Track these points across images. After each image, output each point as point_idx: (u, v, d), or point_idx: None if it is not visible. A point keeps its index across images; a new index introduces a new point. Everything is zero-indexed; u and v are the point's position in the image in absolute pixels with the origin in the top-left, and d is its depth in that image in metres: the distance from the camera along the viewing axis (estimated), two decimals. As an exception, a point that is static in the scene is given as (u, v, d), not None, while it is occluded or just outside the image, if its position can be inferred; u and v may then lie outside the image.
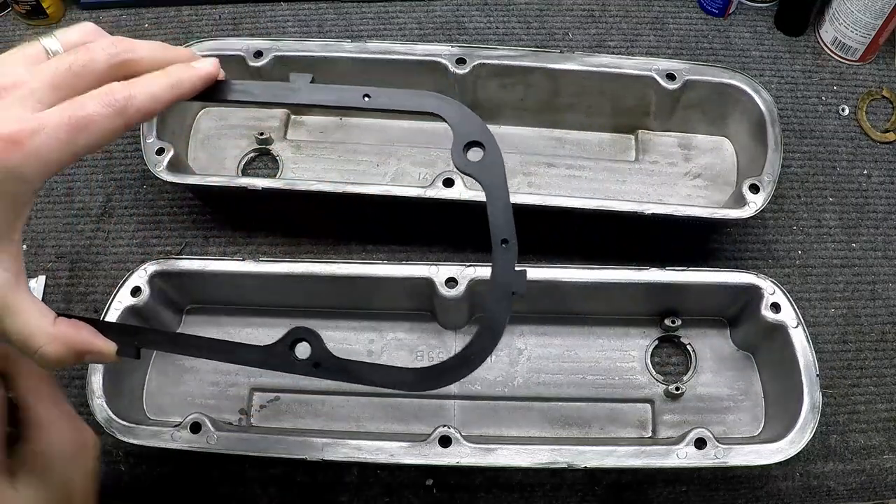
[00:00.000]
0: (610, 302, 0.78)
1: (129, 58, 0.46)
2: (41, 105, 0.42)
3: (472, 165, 0.48)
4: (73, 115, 0.42)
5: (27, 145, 0.41)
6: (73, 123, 0.42)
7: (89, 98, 0.43)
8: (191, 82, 0.48)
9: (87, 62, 0.44)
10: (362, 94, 0.49)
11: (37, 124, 0.41)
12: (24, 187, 0.42)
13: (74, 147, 0.43)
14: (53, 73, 0.43)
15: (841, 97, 0.95)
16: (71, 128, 0.42)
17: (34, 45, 0.45)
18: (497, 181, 0.47)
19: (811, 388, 0.70)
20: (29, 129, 0.41)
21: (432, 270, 0.74)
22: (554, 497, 0.77)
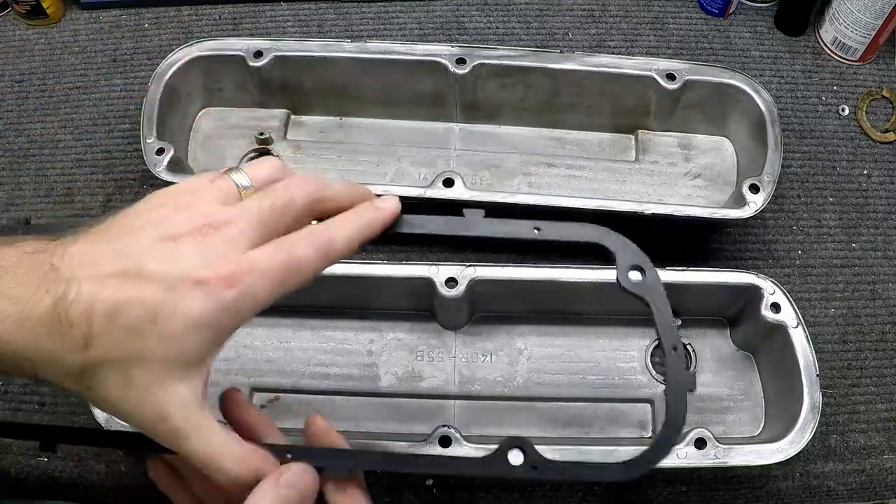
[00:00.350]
0: (610, 302, 0.78)
1: (323, 196, 0.48)
2: (250, 245, 0.44)
3: (635, 285, 0.53)
4: (287, 257, 0.45)
5: (243, 284, 0.43)
6: (287, 265, 0.44)
7: (299, 239, 0.46)
8: (380, 223, 0.50)
9: (288, 202, 0.46)
10: (533, 227, 0.53)
11: (250, 265, 0.43)
12: (235, 322, 0.44)
13: (285, 287, 0.45)
14: (259, 213, 0.45)
15: (841, 97, 0.95)
16: (285, 269, 0.44)
17: (226, 180, 0.47)
18: (660, 297, 0.52)
19: (811, 388, 0.70)
20: (246, 268, 0.43)
21: (432, 270, 0.74)
22: (554, 497, 0.77)
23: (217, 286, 0.42)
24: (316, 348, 0.80)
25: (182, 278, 0.42)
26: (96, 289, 0.41)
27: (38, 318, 0.41)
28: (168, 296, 0.41)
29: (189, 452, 0.44)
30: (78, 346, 0.41)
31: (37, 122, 0.95)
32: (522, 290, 0.75)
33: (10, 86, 0.97)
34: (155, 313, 0.41)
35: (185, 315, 0.42)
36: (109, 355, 0.41)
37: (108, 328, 0.41)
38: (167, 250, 0.43)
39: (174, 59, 0.85)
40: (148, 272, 0.42)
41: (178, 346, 0.42)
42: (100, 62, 0.99)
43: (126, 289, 0.41)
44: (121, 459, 0.77)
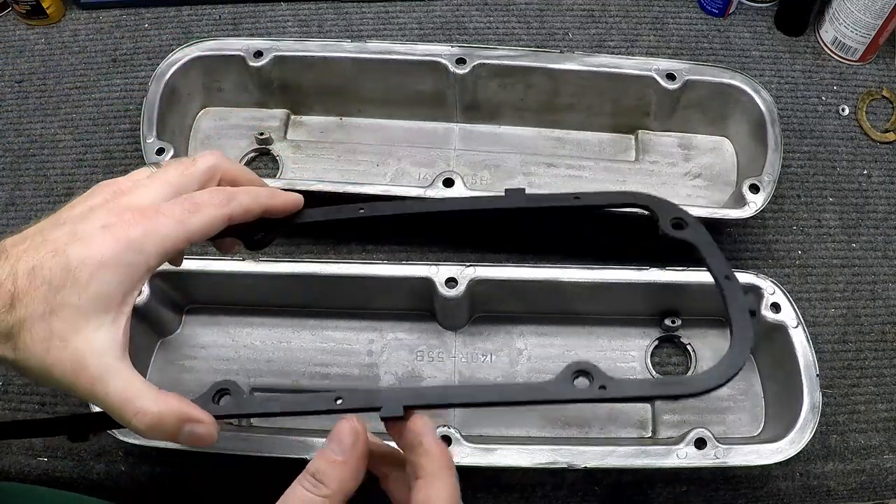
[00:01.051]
0: (610, 302, 0.78)
1: (221, 164, 0.53)
2: (160, 198, 0.48)
3: (681, 233, 0.56)
4: (188, 201, 0.49)
5: (147, 222, 0.46)
6: (186, 207, 0.48)
7: (200, 192, 0.50)
8: (284, 198, 0.55)
9: (189, 165, 0.51)
10: (573, 197, 0.57)
11: (154, 209, 0.47)
12: (141, 259, 0.46)
13: (186, 226, 0.48)
14: (164, 176, 0.50)
15: (841, 97, 0.95)
16: (184, 210, 0.48)
17: (142, 169, 0.52)
18: (705, 238, 0.55)
19: (811, 388, 0.70)
20: (150, 211, 0.47)
21: (432, 270, 0.74)
22: (554, 497, 0.77)
23: (122, 228, 0.46)
24: (316, 348, 0.80)
25: (90, 229, 0.45)
26: (20, 256, 0.45)
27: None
28: (77, 243, 0.45)
29: (106, 398, 0.45)
30: (5, 306, 0.44)
31: (37, 122, 0.95)
32: (522, 290, 0.75)
33: (10, 86, 0.97)
34: (67, 264, 0.44)
35: (94, 259, 0.44)
36: (31, 311, 0.44)
37: (30, 285, 0.44)
38: (81, 215, 0.47)
39: (174, 59, 0.85)
40: (61, 233, 0.46)
41: (91, 290, 0.44)
42: (100, 62, 0.99)
43: (44, 247, 0.45)
44: (121, 459, 0.77)
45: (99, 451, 0.77)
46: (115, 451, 0.77)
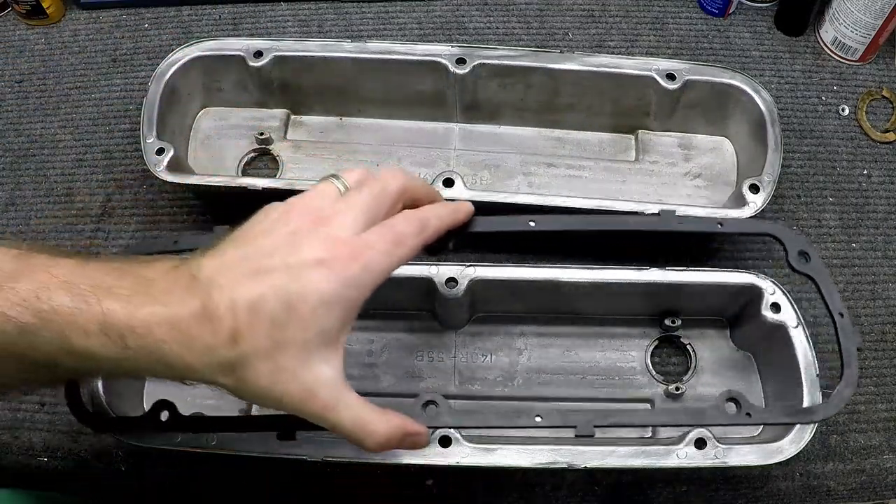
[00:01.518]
0: (610, 302, 0.78)
1: (409, 185, 0.54)
2: (361, 229, 0.49)
3: (803, 266, 0.63)
4: (393, 233, 0.50)
5: (363, 258, 0.47)
6: (394, 240, 0.50)
7: (398, 219, 0.51)
8: (465, 212, 0.58)
9: (382, 190, 0.52)
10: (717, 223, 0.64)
11: (364, 243, 0.48)
12: (358, 294, 0.48)
13: (393, 259, 0.49)
14: (361, 202, 0.50)
15: (841, 97, 0.95)
16: (391, 244, 0.49)
17: (329, 185, 0.52)
18: (825, 275, 0.63)
19: (811, 388, 0.70)
20: (362, 245, 0.48)
21: (432, 270, 0.74)
22: (554, 497, 0.77)
23: (339, 264, 0.47)
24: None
25: (306, 264, 0.46)
26: (234, 288, 0.46)
27: (189, 320, 0.45)
28: (297, 281, 0.46)
29: (338, 423, 0.48)
30: (227, 341, 0.45)
31: (37, 122, 0.95)
32: (522, 290, 0.75)
33: (10, 86, 0.97)
34: (288, 300, 0.45)
35: (315, 295, 0.46)
36: (256, 347, 0.45)
37: (252, 322, 0.45)
38: (288, 244, 0.48)
39: (174, 59, 0.85)
40: (275, 265, 0.46)
41: (315, 327, 0.46)
42: (100, 62, 0.99)
43: (260, 283, 0.46)
44: (121, 459, 0.77)
45: (99, 451, 0.77)
46: (115, 451, 0.77)
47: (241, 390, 0.47)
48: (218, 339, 0.45)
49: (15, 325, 0.46)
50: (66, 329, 0.46)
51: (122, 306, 0.45)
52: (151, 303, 0.46)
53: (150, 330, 0.45)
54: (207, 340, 0.45)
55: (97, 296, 0.46)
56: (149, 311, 0.45)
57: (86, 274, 0.47)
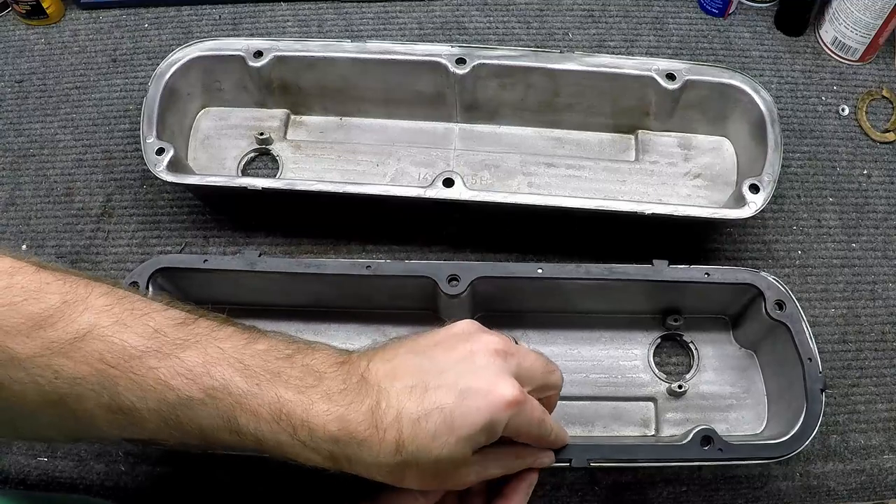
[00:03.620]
0: (612, 301, 0.78)
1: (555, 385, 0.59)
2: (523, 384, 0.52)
3: (780, 316, 0.71)
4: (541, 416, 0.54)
5: (516, 410, 0.51)
6: (541, 412, 0.54)
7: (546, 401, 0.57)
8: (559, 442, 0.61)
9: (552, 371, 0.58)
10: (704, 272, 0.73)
11: (526, 400, 0.52)
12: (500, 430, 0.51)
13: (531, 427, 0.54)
14: (532, 365, 0.55)
15: (841, 97, 0.95)
16: (539, 413, 0.54)
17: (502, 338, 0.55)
18: (799, 324, 0.71)
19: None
20: (522, 400, 0.51)
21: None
22: (554, 497, 0.77)
23: (503, 403, 0.50)
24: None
25: (475, 392, 0.49)
26: (403, 399, 0.49)
27: (358, 424, 0.48)
28: (461, 404, 0.49)
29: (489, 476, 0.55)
30: (391, 451, 0.48)
31: (37, 122, 0.95)
32: (524, 288, 0.75)
33: (10, 86, 0.97)
34: (451, 421, 0.48)
35: (475, 422, 0.49)
36: (417, 459, 0.49)
37: (415, 435, 0.48)
38: (465, 364, 0.51)
39: (174, 59, 0.85)
40: (446, 384, 0.49)
41: (469, 446, 0.50)
42: (100, 62, 0.99)
43: (427, 399, 0.49)
44: (121, 459, 0.77)
45: (99, 451, 0.77)
46: (115, 452, 0.77)
47: (400, 485, 0.52)
48: (383, 447, 0.48)
49: (177, 396, 0.46)
50: (235, 410, 0.47)
51: (297, 398, 0.48)
52: (326, 400, 0.48)
53: (324, 427, 0.47)
54: (373, 446, 0.48)
55: (271, 382, 0.48)
56: (324, 409, 0.48)
57: (255, 354, 0.49)
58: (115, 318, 0.47)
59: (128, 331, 0.47)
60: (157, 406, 0.46)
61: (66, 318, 0.46)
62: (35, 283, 0.46)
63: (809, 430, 0.67)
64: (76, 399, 0.46)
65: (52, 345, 0.45)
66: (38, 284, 0.46)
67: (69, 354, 0.45)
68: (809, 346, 0.70)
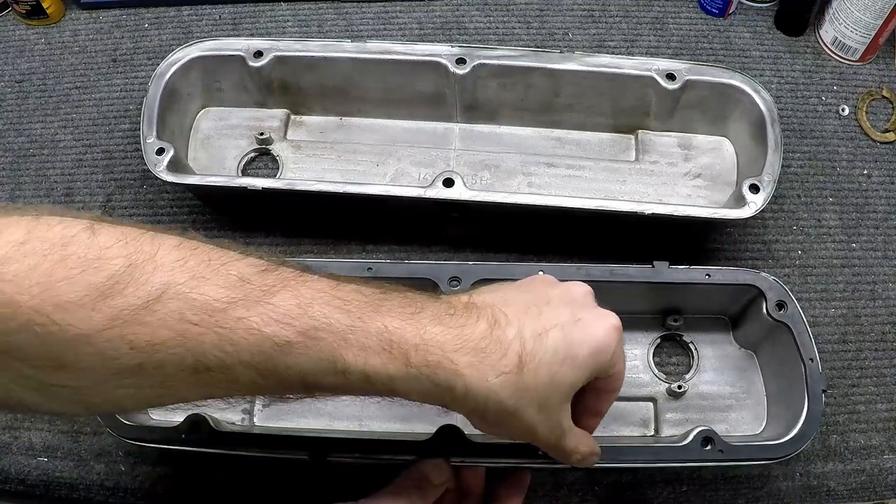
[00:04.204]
0: (612, 301, 0.77)
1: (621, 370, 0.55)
2: None
3: (781, 316, 0.71)
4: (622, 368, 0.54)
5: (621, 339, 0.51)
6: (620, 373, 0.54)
7: None
8: None
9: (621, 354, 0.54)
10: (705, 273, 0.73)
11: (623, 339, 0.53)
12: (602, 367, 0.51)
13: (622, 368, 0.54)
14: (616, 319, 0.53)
15: (841, 97, 0.95)
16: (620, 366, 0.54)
17: None
18: (800, 324, 0.71)
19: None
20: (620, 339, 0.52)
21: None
22: (554, 497, 0.77)
23: (613, 326, 0.50)
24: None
25: (586, 319, 0.50)
26: (521, 318, 0.48)
27: (480, 340, 0.46)
28: (577, 324, 0.49)
29: (564, 447, 0.53)
30: (514, 366, 0.46)
31: (37, 122, 0.95)
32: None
33: (10, 86, 0.97)
34: (570, 338, 0.48)
35: (593, 343, 0.49)
36: (536, 378, 0.47)
37: (536, 350, 0.47)
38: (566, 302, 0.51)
39: (174, 59, 0.85)
40: (559, 311, 0.49)
41: (580, 372, 0.49)
42: (100, 62, 0.99)
43: (546, 321, 0.48)
44: (121, 459, 0.77)
45: (99, 451, 0.77)
46: (115, 452, 0.77)
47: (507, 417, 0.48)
48: (506, 362, 0.46)
49: (274, 344, 0.43)
50: (341, 348, 0.44)
51: (405, 325, 0.45)
52: (437, 322, 0.45)
53: (442, 347, 0.45)
54: (495, 361, 0.45)
55: (375, 312, 0.45)
56: (438, 331, 0.45)
57: (350, 291, 0.46)
58: (190, 272, 0.43)
59: (207, 283, 0.42)
60: (250, 358, 0.43)
61: (135, 281, 0.41)
62: (93, 251, 0.41)
63: (811, 431, 0.67)
64: (156, 366, 0.42)
65: (123, 313, 0.40)
66: (96, 252, 0.41)
67: (144, 321, 0.41)
68: (811, 346, 0.70)
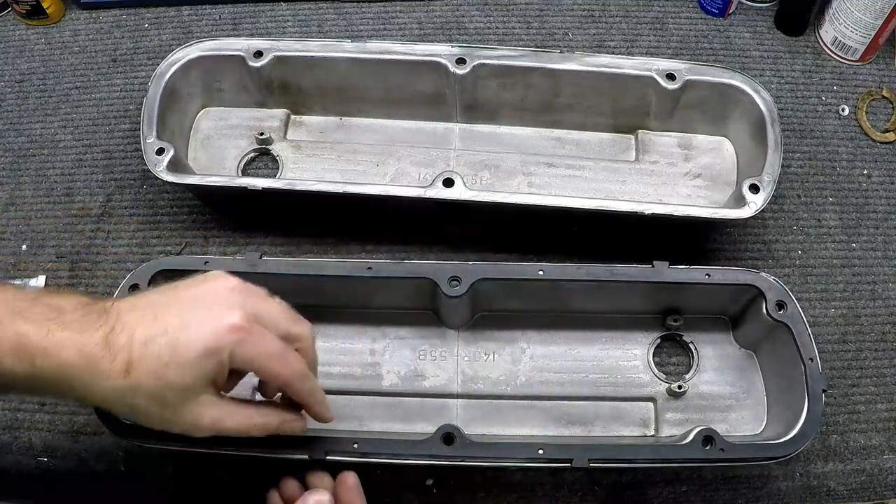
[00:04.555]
0: (612, 301, 0.78)
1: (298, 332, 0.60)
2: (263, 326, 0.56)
3: (781, 316, 0.71)
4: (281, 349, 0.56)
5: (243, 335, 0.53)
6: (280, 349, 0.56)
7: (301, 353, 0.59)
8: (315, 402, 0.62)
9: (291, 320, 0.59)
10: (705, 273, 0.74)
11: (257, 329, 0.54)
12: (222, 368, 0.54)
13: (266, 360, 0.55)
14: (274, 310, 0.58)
15: (841, 97, 0.96)
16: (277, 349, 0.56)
17: None
18: (800, 324, 0.71)
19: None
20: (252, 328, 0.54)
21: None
22: (554, 497, 0.77)
23: (224, 328, 0.52)
24: (319, 348, 0.79)
25: (202, 320, 0.52)
26: (136, 324, 0.52)
27: (94, 346, 0.51)
28: (186, 328, 0.52)
29: (226, 430, 0.56)
30: (122, 370, 0.51)
31: (37, 122, 0.95)
32: (524, 288, 0.75)
33: (10, 86, 0.97)
34: (176, 343, 0.51)
35: (198, 346, 0.52)
36: (144, 382, 0.51)
37: (143, 355, 0.51)
38: (202, 299, 0.54)
39: (174, 59, 0.85)
40: (177, 312, 0.53)
41: (192, 371, 0.52)
42: (100, 62, 0.99)
43: (157, 323, 0.52)
44: (121, 459, 0.77)
45: (99, 451, 0.77)
46: (115, 452, 0.77)
47: (135, 416, 0.54)
48: (114, 367, 0.51)
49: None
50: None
51: (35, 329, 0.51)
52: (62, 329, 0.51)
53: (59, 352, 0.50)
54: (105, 367, 0.51)
55: (12, 319, 0.51)
56: (60, 336, 0.51)
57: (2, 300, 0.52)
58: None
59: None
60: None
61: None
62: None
63: (811, 431, 0.67)
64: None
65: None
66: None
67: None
68: (811, 346, 0.70)
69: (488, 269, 0.74)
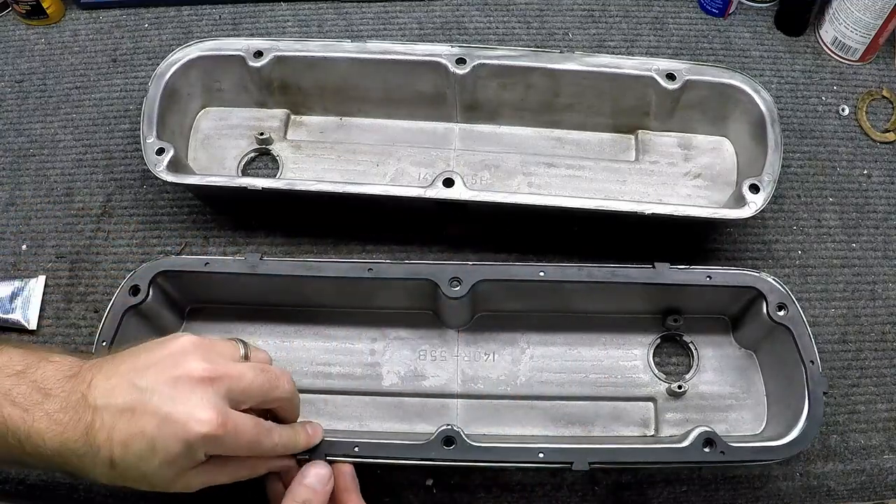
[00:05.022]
0: (612, 301, 0.78)
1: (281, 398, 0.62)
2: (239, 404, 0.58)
3: (780, 317, 0.71)
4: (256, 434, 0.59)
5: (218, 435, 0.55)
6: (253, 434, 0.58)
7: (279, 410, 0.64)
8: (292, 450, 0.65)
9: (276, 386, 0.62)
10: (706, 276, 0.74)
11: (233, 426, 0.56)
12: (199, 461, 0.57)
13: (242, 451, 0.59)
14: (248, 385, 0.59)
15: (841, 97, 0.95)
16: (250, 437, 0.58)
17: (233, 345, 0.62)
18: (801, 326, 0.71)
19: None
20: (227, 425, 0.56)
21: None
22: (554, 497, 0.77)
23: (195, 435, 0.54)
24: (318, 348, 0.80)
25: (173, 419, 0.54)
26: (115, 420, 0.54)
27: (75, 441, 0.54)
28: (160, 432, 0.54)
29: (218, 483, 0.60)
30: (106, 465, 0.55)
31: (37, 122, 0.95)
32: (524, 289, 0.75)
33: (10, 86, 0.97)
34: (153, 446, 0.54)
35: (179, 442, 0.54)
36: (130, 475, 0.55)
37: (124, 455, 0.54)
38: (171, 387, 0.55)
39: (174, 59, 0.85)
40: (151, 408, 0.54)
41: (175, 465, 0.55)
42: (100, 62, 0.99)
43: (134, 423, 0.54)
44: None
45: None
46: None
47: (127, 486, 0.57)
48: (98, 461, 0.54)
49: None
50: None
51: (21, 415, 0.54)
52: (46, 419, 0.54)
53: (45, 442, 0.54)
54: (89, 462, 0.54)
55: (4, 399, 0.54)
56: (45, 427, 0.54)
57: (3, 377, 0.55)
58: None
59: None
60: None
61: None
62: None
63: (811, 432, 0.67)
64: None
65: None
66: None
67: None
68: (812, 348, 0.70)
69: (489, 271, 0.74)
